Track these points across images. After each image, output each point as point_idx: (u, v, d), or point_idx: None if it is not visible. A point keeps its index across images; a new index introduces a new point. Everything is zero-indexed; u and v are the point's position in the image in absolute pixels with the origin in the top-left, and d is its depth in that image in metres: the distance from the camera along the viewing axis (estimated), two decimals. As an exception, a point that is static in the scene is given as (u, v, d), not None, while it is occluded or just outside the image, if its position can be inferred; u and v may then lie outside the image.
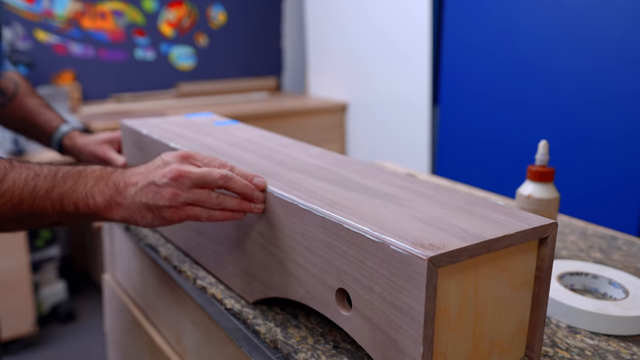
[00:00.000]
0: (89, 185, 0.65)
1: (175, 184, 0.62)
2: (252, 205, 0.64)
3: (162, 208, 0.62)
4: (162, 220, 0.64)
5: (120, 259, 1.10)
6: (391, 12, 2.35)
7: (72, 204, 0.65)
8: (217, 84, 2.85)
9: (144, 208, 0.63)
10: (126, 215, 0.65)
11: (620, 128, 1.61)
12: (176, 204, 0.62)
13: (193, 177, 0.62)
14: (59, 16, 2.45)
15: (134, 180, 0.64)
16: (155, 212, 0.63)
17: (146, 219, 0.64)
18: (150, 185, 0.63)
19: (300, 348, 0.60)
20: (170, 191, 0.62)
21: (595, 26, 1.64)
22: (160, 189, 0.62)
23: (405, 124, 2.38)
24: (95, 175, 0.66)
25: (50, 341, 2.14)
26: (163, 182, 0.62)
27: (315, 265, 0.57)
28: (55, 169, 0.67)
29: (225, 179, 0.62)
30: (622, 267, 0.82)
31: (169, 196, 0.62)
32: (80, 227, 2.57)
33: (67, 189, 0.65)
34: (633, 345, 0.63)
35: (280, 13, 3.09)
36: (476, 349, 0.52)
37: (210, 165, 0.65)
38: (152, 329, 0.96)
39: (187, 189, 0.62)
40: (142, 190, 0.63)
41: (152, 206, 0.63)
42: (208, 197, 0.63)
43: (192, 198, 0.62)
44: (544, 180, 0.81)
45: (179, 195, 0.62)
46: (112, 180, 0.65)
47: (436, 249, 0.46)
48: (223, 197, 0.63)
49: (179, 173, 0.62)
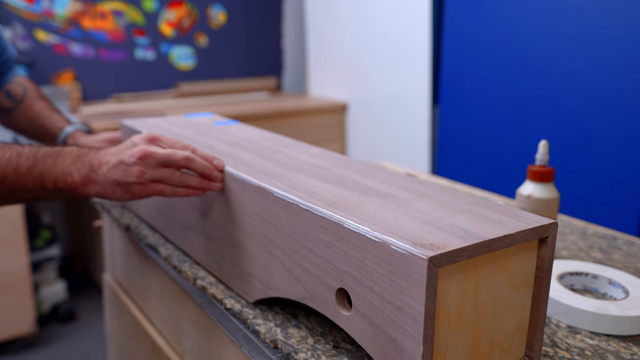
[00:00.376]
0: (67, 163, 0.72)
1: (143, 163, 0.69)
2: (211, 183, 0.71)
3: (130, 184, 0.70)
4: (130, 195, 0.71)
5: (120, 259, 1.10)
6: (391, 12, 2.35)
7: (51, 181, 0.72)
8: (217, 84, 2.85)
9: (114, 184, 0.70)
10: (99, 191, 0.72)
11: (621, 128, 1.61)
12: (143, 181, 0.69)
13: (158, 157, 0.69)
14: (59, 16, 2.45)
15: (106, 160, 0.71)
16: (125, 187, 0.70)
17: (117, 194, 0.71)
18: (120, 164, 0.70)
19: (300, 348, 0.60)
20: (137, 169, 0.69)
21: (595, 26, 1.64)
22: (129, 167, 0.69)
23: (405, 124, 2.38)
24: (72, 155, 0.73)
25: (50, 341, 2.14)
26: (131, 161, 0.69)
27: (316, 265, 0.57)
28: (35, 149, 0.73)
29: (187, 159, 0.69)
30: (622, 267, 0.82)
31: (136, 173, 0.69)
32: (59, 202, 2.58)
33: (47, 167, 0.72)
34: (633, 345, 0.63)
35: (280, 13, 3.09)
36: (476, 349, 0.52)
37: (174, 147, 0.73)
38: (152, 329, 0.96)
39: (153, 168, 0.69)
40: (113, 169, 0.70)
41: (122, 182, 0.70)
42: (172, 175, 0.70)
43: (158, 176, 0.69)
44: (544, 180, 0.81)
45: (145, 173, 0.69)
46: (88, 160, 0.72)
47: (436, 248, 0.46)
48: (185, 175, 0.70)
49: (145, 153, 0.69)
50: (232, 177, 0.70)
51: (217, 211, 0.74)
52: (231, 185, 0.70)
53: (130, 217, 1.01)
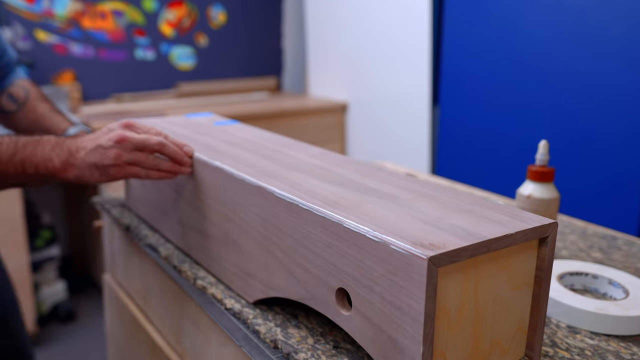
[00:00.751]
0: (47, 150, 0.76)
1: (119, 146, 0.73)
2: (181, 167, 0.77)
3: (107, 167, 0.74)
4: (107, 177, 0.75)
5: (120, 259, 1.10)
6: (391, 12, 2.35)
7: (32, 167, 0.76)
8: (217, 84, 2.85)
9: (92, 167, 0.74)
10: (78, 174, 0.75)
11: (621, 128, 1.61)
12: (119, 163, 0.74)
13: (134, 141, 0.74)
14: (59, 16, 2.45)
15: (84, 145, 0.75)
16: (102, 170, 0.74)
17: (94, 176, 0.75)
18: (97, 148, 0.74)
19: (300, 348, 0.60)
20: (114, 152, 0.73)
21: (595, 25, 1.64)
22: (106, 151, 0.73)
23: (406, 124, 2.38)
24: (51, 142, 0.77)
25: (50, 341, 2.14)
26: (109, 144, 0.73)
27: (316, 265, 0.57)
28: (15, 139, 0.78)
29: (160, 145, 0.75)
30: (622, 267, 0.82)
31: (113, 156, 0.73)
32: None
33: (28, 154, 0.76)
34: (633, 345, 0.63)
35: (280, 13, 3.09)
36: (476, 349, 0.52)
37: (148, 133, 0.77)
38: (152, 329, 0.96)
39: (129, 151, 0.74)
40: (90, 152, 0.74)
41: (99, 165, 0.74)
42: (146, 159, 0.75)
43: (133, 159, 0.74)
44: (544, 180, 0.81)
45: (122, 156, 0.73)
46: (66, 146, 0.76)
47: (436, 248, 0.46)
48: (158, 160, 0.76)
49: (122, 137, 0.73)
50: (232, 177, 0.70)
51: (217, 211, 0.74)
52: (231, 185, 0.70)
53: (130, 217, 1.01)
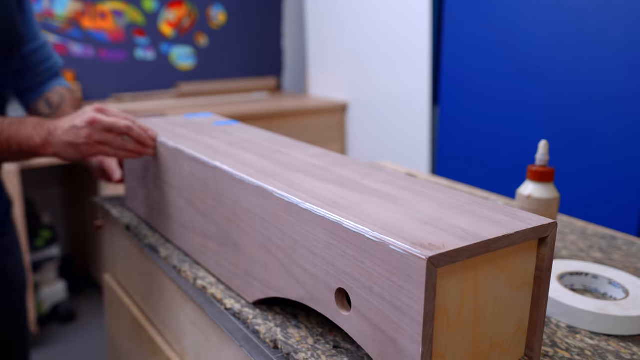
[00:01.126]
0: (29, 129, 0.86)
1: (91, 127, 0.82)
2: (146, 149, 0.86)
3: (80, 145, 0.83)
4: (80, 154, 0.84)
5: (120, 259, 1.10)
6: (391, 11, 2.35)
7: (16, 144, 0.86)
8: (217, 84, 2.85)
9: (67, 145, 0.83)
10: (55, 151, 0.85)
11: (621, 128, 1.61)
12: (90, 142, 0.82)
13: (104, 123, 0.82)
14: (59, 16, 2.45)
15: (61, 125, 0.84)
16: (75, 148, 0.83)
17: (69, 153, 0.84)
18: (72, 128, 0.83)
19: (300, 348, 0.60)
20: (86, 132, 0.82)
21: (595, 26, 1.64)
22: (79, 131, 0.82)
23: (406, 124, 2.38)
24: (33, 123, 0.87)
25: (50, 341, 2.14)
26: (82, 125, 0.82)
27: (315, 266, 0.57)
28: (1, 120, 0.88)
29: (128, 127, 0.83)
30: (622, 267, 0.82)
31: (85, 135, 0.82)
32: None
33: (13, 132, 0.86)
34: (633, 345, 0.63)
35: (280, 13, 3.09)
36: (476, 349, 0.52)
37: (117, 117, 0.85)
38: (152, 329, 0.96)
39: (100, 132, 0.82)
40: (66, 132, 0.83)
41: (73, 143, 0.83)
42: (114, 139, 0.84)
43: (103, 139, 0.83)
44: (544, 180, 0.81)
45: (92, 135, 0.82)
46: (46, 126, 0.86)
47: (435, 249, 0.46)
48: (125, 141, 0.85)
49: (94, 119, 0.82)
50: (232, 178, 0.70)
51: (217, 211, 0.74)
52: (231, 185, 0.70)
53: (130, 217, 1.01)
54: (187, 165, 0.80)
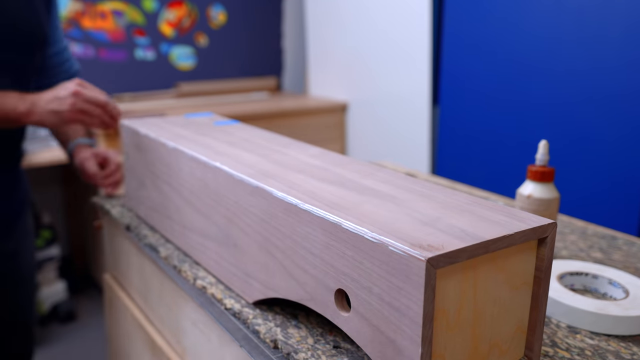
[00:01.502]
0: (14, 100, 0.96)
1: (74, 97, 0.95)
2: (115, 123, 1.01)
3: (63, 112, 0.96)
4: (62, 121, 0.97)
5: (120, 259, 1.10)
6: (391, 11, 2.35)
7: (3, 113, 0.95)
8: (217, 84, 2.85)
9: (51, 113, 0.96)
10: (39, 119, 0.96)
11: (621, 128, 1.61)
12: (74, 110, 0.96)
13: (86, 94, 0.97)
14: (59, 16, 2.45)
15: (44, 97, 0.97)
16: (59, 115, 0.96)
17: (52, 120, 0.96)
18: (55, 98, 0.96)
19: (300, 348, 0.60)
20: (70, 101, 0.95)
21: (595, 26, 1.64)
22: (64, 100, 0.95)
23: (406, 124, 2.38)
24: (16, 95, 0.97)
25: (50, 341, 2.14)
26: (66, 95, 0.96)
27: (315, 266, 0.57)
28: None
29: (106, 102, 0.99)
30: (622, 267, 0.82)
31: (69, 103, 0.95)
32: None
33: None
34: (633, 345, 0.63)
35: (280, 13, 3.09)
36: (475, 350, 0.52)
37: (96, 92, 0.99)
38: (152, 329, 0.96)
39: (82, 102, 0.96)
40: (50, 102, 0.96)
41: (57, 111, 0.96)
42: (94, 110, 0.98)
43: (85, 107, 0.97)
44: (544, 180, 0.81)
45: (76, 104, 0.96)
46: (30, 98, 0.97)
47: (435, 250, 0.46)
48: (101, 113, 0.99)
49: (77, 91, 0.96)
50: (232, 178, 0.70)
51: (217, 212, 0.74)
52: (231, 185, 0.70)
53: (130, 217, 1.01)
54: (187, 166, 0.80)
